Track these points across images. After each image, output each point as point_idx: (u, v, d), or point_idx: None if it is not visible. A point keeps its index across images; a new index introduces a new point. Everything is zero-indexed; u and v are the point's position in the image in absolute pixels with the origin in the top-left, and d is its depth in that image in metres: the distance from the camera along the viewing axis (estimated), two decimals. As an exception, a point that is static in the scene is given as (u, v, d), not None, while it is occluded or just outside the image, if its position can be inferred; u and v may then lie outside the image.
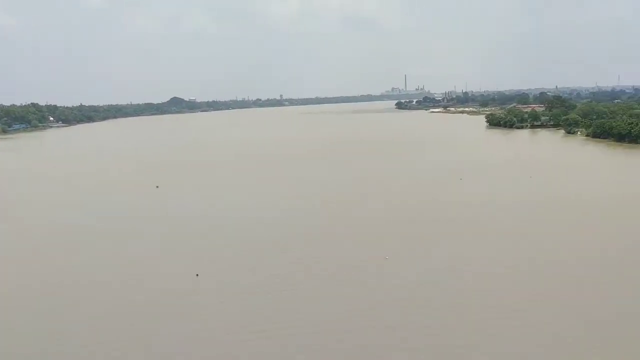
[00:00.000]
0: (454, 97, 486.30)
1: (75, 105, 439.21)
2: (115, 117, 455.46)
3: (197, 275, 47.57)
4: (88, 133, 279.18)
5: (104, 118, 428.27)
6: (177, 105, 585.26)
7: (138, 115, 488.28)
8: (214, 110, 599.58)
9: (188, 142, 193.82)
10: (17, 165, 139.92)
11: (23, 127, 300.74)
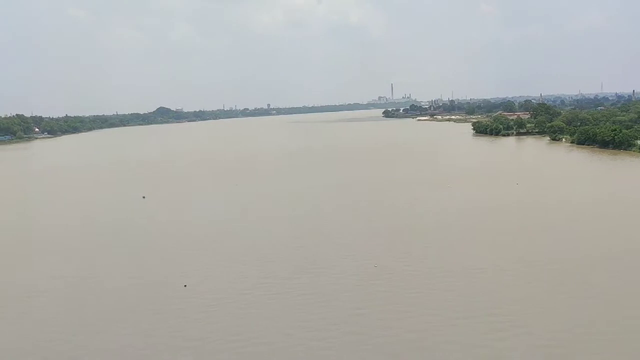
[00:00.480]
0: (441, 105, 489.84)
1: (61, 116, 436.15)
2: (102, 127, 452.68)
3: (185, 286, 47.30)
4: (72, 144, 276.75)
5: (90, 129, 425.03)
6: (163, 115, 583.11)
7: (124, 126, 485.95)
8: (201, 120, 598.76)
9: (173, 152, 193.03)
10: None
11: (8, 138, 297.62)
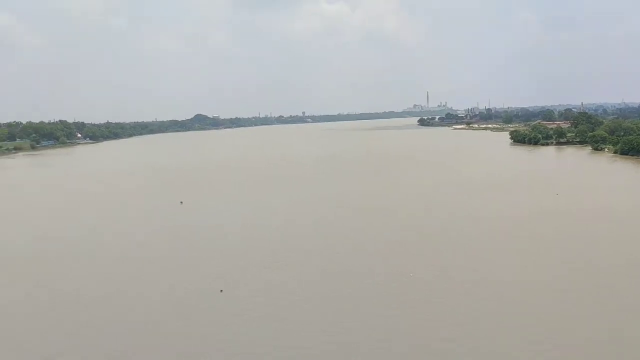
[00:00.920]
0: (477, 113, 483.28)
1: (103, 123, 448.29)
2: (141, 133, 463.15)
3: (221, 291, 47.72)
4: (112, 149, 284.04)
5: (130, 135, 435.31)
6: (200, 122, 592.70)
7: (163, 132, 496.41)
8: (237, 127, 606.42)
9: (213, 159, 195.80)
10: (43, 181, 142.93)
11: (51, 143, 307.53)
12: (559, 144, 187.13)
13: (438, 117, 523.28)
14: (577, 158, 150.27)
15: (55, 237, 71.95)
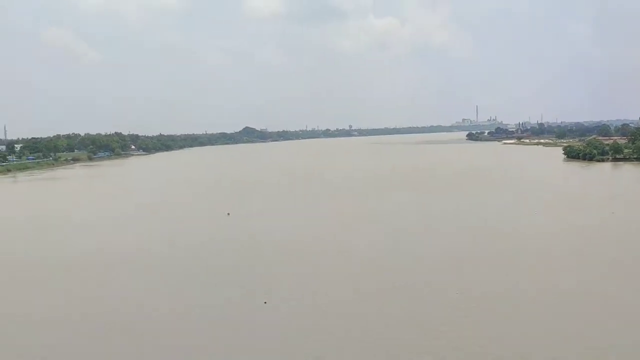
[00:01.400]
0: (529, 128, 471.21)
1: (155, 135, 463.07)
2: (192, 146, 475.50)
3: (265, 303, 48.08)
4: (165, 160, 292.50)
5: (181, 147, 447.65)
6: (249, 135, 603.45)
7: (212, 145, 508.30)
8: (284, 140, 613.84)
9: (258, 170, 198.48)
10: (100, 190, 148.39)
11: (107, 154, 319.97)
12: (616, 160, 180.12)
13: (487, 131, 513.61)
14: (635, 175, 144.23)
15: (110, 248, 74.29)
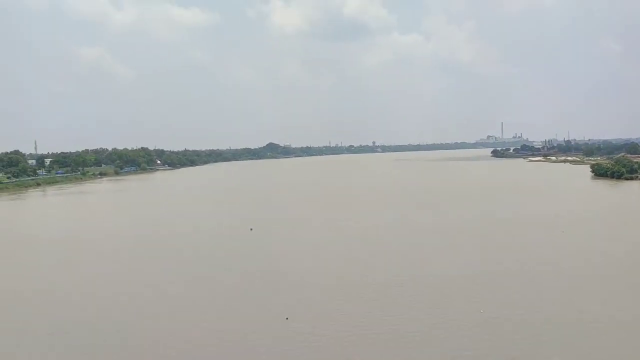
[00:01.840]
0: (555, 145, 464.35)
1: (180, 150, 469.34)
2: (216, 161, 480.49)
3: (287, 318, 48.01)
4: (189, 176, 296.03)
5: (206, 162, 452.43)
6: (272, 151, 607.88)
7: (236, 160, 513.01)
8: (307, 156, 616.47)
9: (281, 185, 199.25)
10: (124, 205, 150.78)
11: (133, 169, 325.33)
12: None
13: (513, 148, 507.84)
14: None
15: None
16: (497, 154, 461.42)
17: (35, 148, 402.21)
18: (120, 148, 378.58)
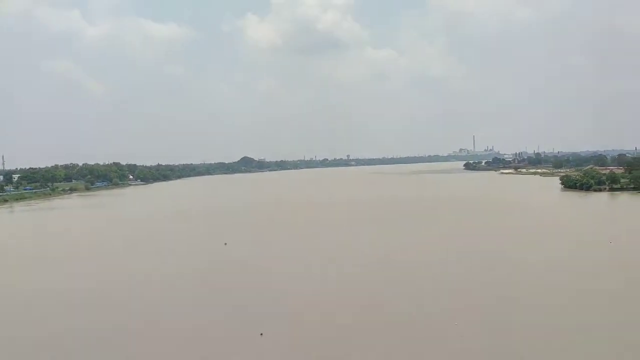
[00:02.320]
0: (526, 158, 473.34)
1: (153, 165, 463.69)
2: (190, 175, 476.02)
3: (261, 334, 47.48)
4: (161, 191, 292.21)
5: (179, 176, 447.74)
6: (247, 165, 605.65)
7: (210, 174, 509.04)
8: (282, 170, 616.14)
9: (253, 201, 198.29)
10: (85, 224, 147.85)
11: (104, 184, 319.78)
12: (612, 190, 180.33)
13: (485, 161, 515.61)
14: (632, 205, 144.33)
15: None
16: (469, 167, 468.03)
17: (3, 164, 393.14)
18: (92, 163, 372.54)
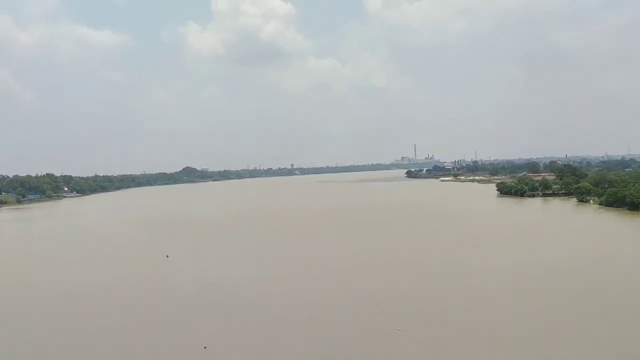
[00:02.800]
0: (464, 165, 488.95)
1: (90, 176, 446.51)
2: (129, 186, 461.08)
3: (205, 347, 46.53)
4: (99, 203, 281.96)
5: (118, 188, 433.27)
6: (189, 175, 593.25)
7: (151, 185, 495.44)
8: (225, 179, 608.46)
9: (196, 211, 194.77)
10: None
11: (37, 197, 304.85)
12: (545, 196, 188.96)
13: (425, 169, 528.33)
14: (563, 210, 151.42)
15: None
16: (411, 175, 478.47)
17: None
18: (23, 175, 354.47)
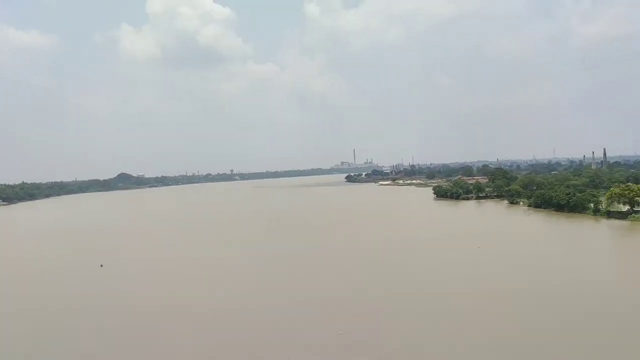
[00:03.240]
0: (402, 170, 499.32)
1: (17, 183, 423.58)
2: (59, 194, 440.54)
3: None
4: (25, 212, 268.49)
5: (47, 195, 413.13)
6: (124, 182, 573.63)
7: (83, 192, 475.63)
8: (163, 186, 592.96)
9: (131, 219, 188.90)
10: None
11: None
12: (479, 198, 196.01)
13: (365, 173, 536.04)
14: (495, 212, 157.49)
15: None
16: (350, 179, 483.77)
17: None
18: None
